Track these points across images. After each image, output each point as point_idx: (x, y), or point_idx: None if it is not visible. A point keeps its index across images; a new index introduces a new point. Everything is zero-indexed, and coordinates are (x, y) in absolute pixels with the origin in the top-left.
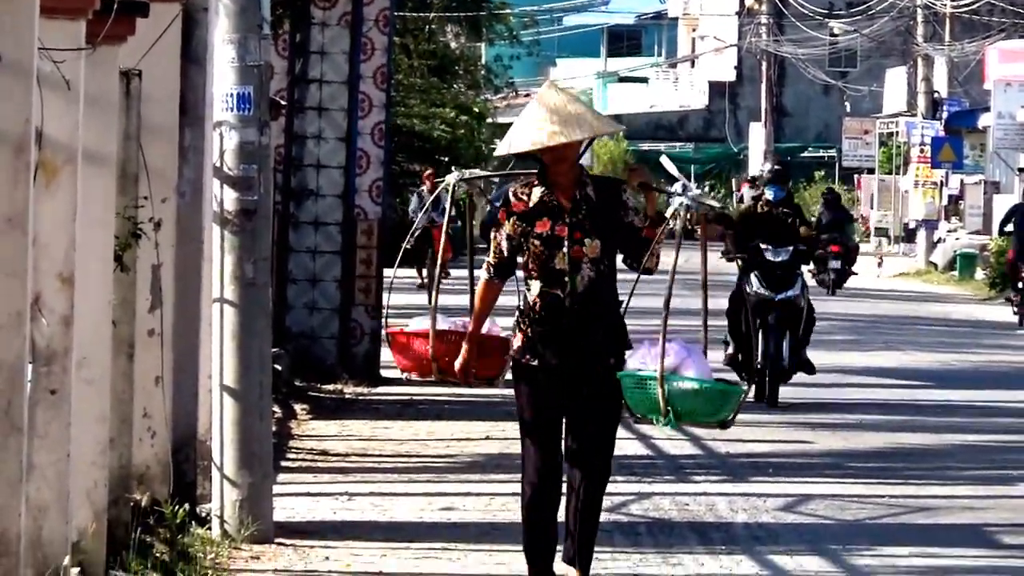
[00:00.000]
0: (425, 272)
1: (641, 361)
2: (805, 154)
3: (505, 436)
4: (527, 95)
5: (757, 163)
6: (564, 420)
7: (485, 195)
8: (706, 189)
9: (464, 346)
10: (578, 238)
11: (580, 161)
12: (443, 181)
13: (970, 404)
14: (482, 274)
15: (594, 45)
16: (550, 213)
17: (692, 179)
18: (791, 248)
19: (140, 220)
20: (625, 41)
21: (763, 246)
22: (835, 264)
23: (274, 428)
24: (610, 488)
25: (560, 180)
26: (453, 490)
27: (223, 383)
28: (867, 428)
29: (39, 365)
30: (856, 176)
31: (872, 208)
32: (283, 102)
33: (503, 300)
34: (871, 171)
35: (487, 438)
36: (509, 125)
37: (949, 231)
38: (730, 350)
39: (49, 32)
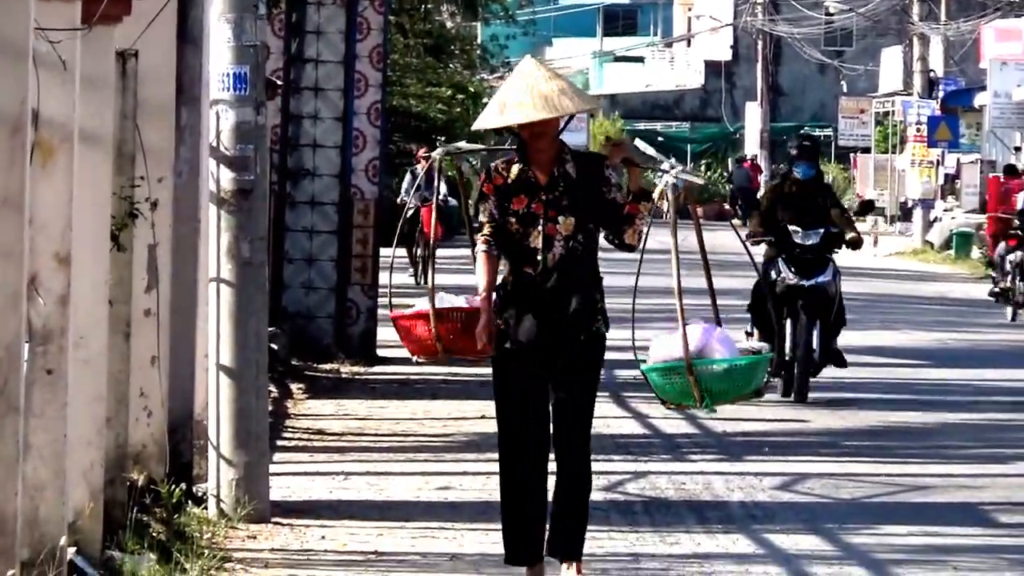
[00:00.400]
0: (418, 253)
1: (662, 351)
2: (801, 133)
3: None
4: None
5: (753, 143)
6: (547, 397)
7: (478, 173)
8: (702, 168)
9: (481, 307)
10: (552, 216)
11: (561, 137)
12: (431, 161)
13: (966, 383)
14: (479, 246)
15: (590, 24)
16: (527, 190)
17: (688, 159)
18: (821, 230)
19: (136, 200)
20: (621, 20)
21: (791, 228)
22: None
23: (270, 407)
24: (606, 467)
25: (539, 156)
26: (449, 469)
27: (219, 362)
28: (863, 407)
29: (35, 345)
30: (852, 155)
31: (868, 187)
32: (279, 82)
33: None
34: (867, 150)
35: (483, 417)
36: None
37: (945, 210)
38: (754, 342)
39: (45, 12)
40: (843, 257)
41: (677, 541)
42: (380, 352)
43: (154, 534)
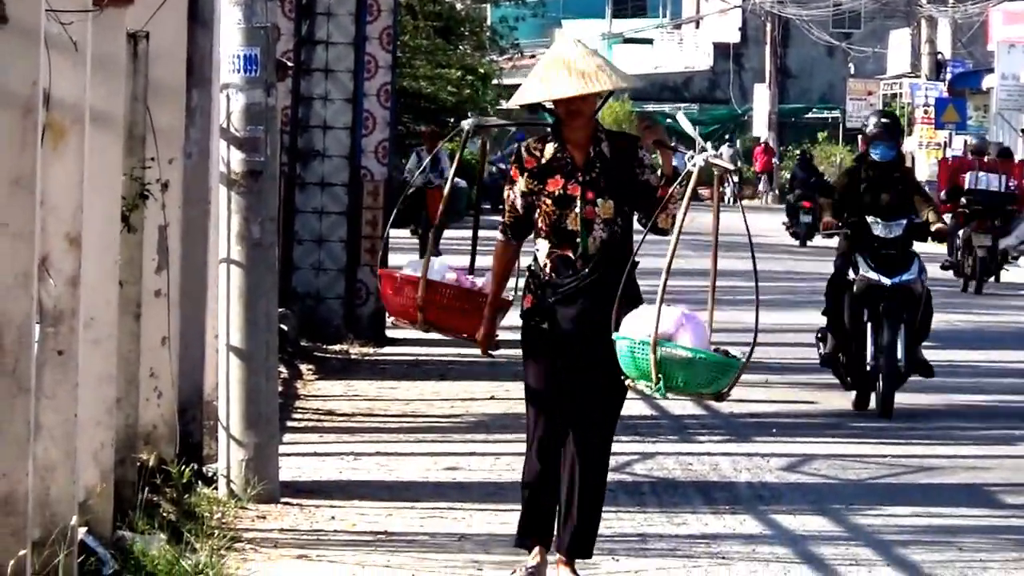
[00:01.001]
0: (417, 231)
1: (636, 326)
2: (809, 115)
3: (509, 396)
4: (532, 56)
5: (762, 124)
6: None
7: (487, 159)
8: (736, 149)
9: (485, 314)
10: (591, 198)
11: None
12: (459, 129)
13: (974, 364)
14: (498, 235)
15: (599, 6)
16: (563, 170)
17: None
18: (904, 221)
19: (147, 181)
20: (630, 2)
21: (870, 219)
22: (806, 219)
23: (280, 388)
24: (614, 448)
25: (574, 136)
26: (458, 450)
27: (229, 343)
28: None
29: (46, 325)
30: (860, 137)
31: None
32: (289, 63)
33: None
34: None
35: (492, 398)
36: (515, 86)
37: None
38: (827, 348)
39: None
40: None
41: (684, 522)
42: (389, 333)
43: (164, 514)
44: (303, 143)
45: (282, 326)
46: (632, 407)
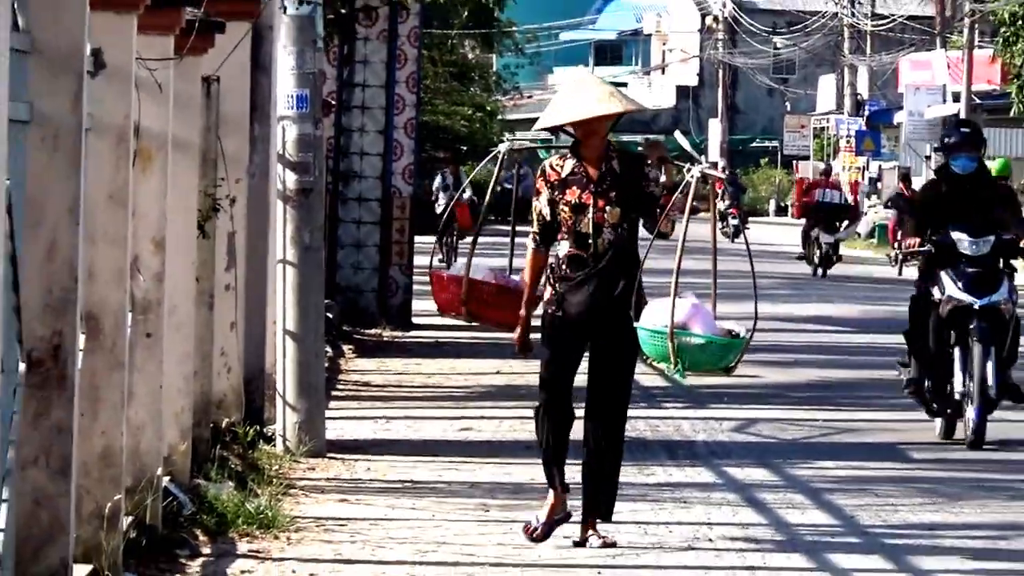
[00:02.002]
0: (447, 240)
1: (655, 316)
2: (753, 144)
3: (512, 371)
4: (530, 96)
5: (715, 151)
6: (577, 365)
7: (498, 177)
8: (721, 165)
9: (521, 314)
10: (601, 206)
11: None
12: (495, 151)
13: (887, 345)
14: (528, 243)
15: (584, 56)
16: (579, 183)
17: None
18: (992, 237)
19: (218, 197)
20: (609, 53)
21: (955, 235)
22: (734, 222)
23: (326, 364)
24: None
25: (590, 153)
26: (470, 414)
27: (285, 328)
28: (804, 364)
29: (137, 313)
30: (795, 162)
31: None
32: (333, 102)
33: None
34: (807, 158)
35: (498, 372)
36: (516, 120)
37: (870, 206)
38: (911, 373)
39: (145, 45)
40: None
41: (652, 473)
42: (415, 320)
43: (232, 466)
44: (344, 166)
45: (328, 314)
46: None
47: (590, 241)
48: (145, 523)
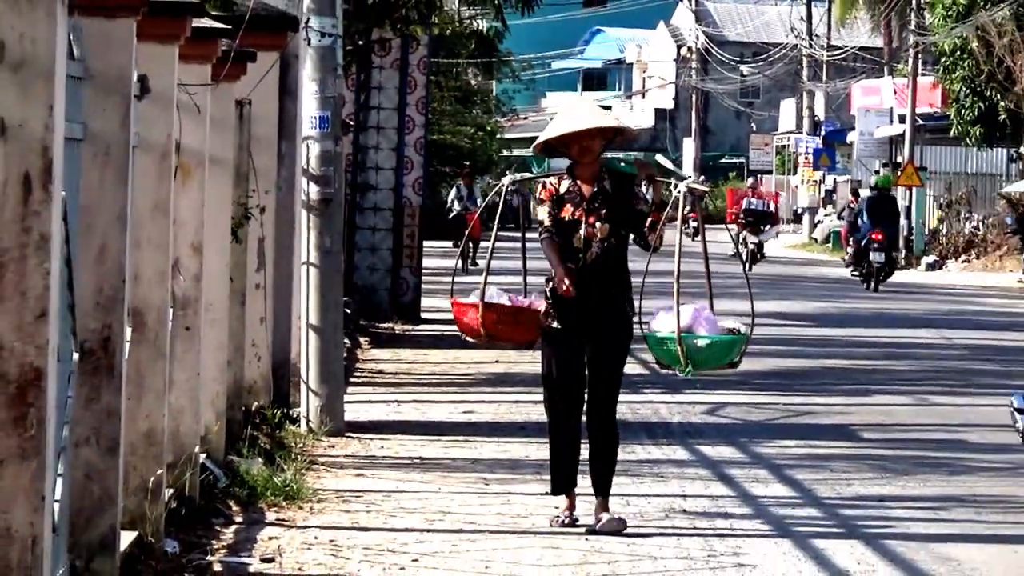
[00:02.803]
0: (459, 245)
1: (662, 324)
2: (723, 160)
3: (509, 360)
4: (525, 118)
5: (689, 167)
6: (583, 365)
7: (502, 211)
8: (701, 178)
9: (560, 272)
10: (592, 222)
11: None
12: (500, 186)
13: (840, 338)
14: (543, 237)
15: (573, 82)
16: (572, 201)
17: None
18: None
19: (250, 206)
20: (595, 79)
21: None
22: (694, 224)
23: (344, 354)
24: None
25: (584, 172)
26: (472, 399)
27: (309, 322)
28: (767, 355)
29: (177, 309)
30: (759, 176)
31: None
32: (351, 123)
33: (502, 263)
34: (770, 172)
35: (496, 362)
36: (513, 139)
37: (825, 215)
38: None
39: (185, 72)
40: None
41: (633, 451)
42: (423, 315)
43: (262, 444)
44: (361, 179)
45: (346, 310)
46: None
47: (580, 255)
48: (184, 495)
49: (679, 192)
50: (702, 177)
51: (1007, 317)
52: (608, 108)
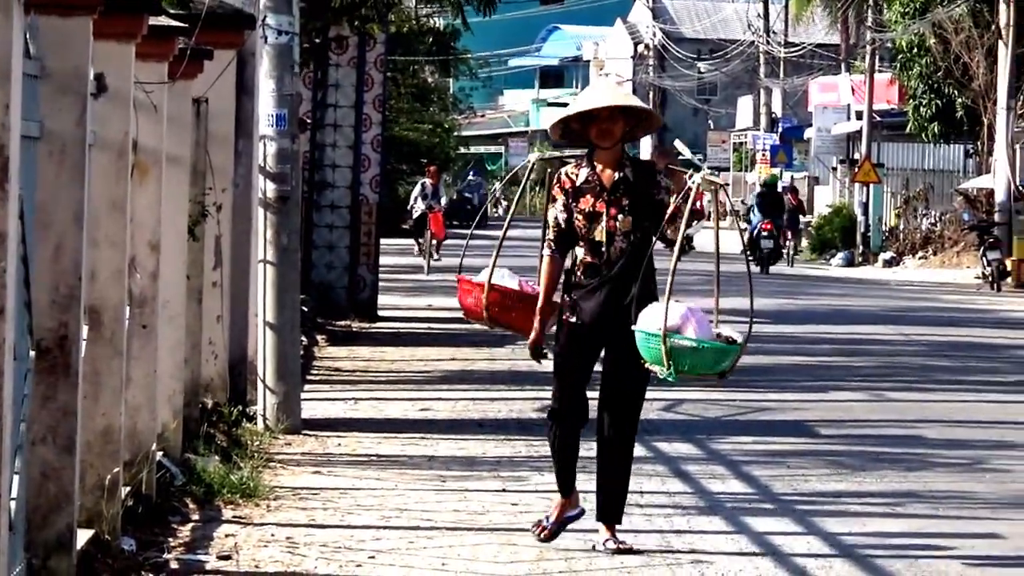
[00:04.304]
0: (422, 245)
1: (650, 320)
2: (680, 157)
3: (466, 358)
4: (482, 116)
5: None
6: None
7: (525, 186)
8: (764, 179)
9: (535, 322)
10: (614, 214)
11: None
12: (524, 165)
13: (797, 335)
14: (544, 251)
15: (530, 80)
16: (593, 191)
17: None
18: None
19: (207, 204)
20: (552, 77)
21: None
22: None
23: (301, 352)
24: (539, 394)
25: (604, 159)
26: (429, 396)
27: (266, 320)
28: None
29: (134, 307)
30: (717, 173)
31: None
32: (309, 120)
33: (506, 260)
34: (727, 169)
35: (453, 359)
36: (471, 136)
37: (805, 213)
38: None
39: (142, 70)
40: (702, 238)
41: (589, 448)
42: (380, 312)
43: (218, 442)
44: (318, 177)
45: (303, 308)
46: (535, 365)
47: (603, 249)
48: (141, 493)
49: (692, 183)
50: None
51: (964, 313)
52: (565, 106)
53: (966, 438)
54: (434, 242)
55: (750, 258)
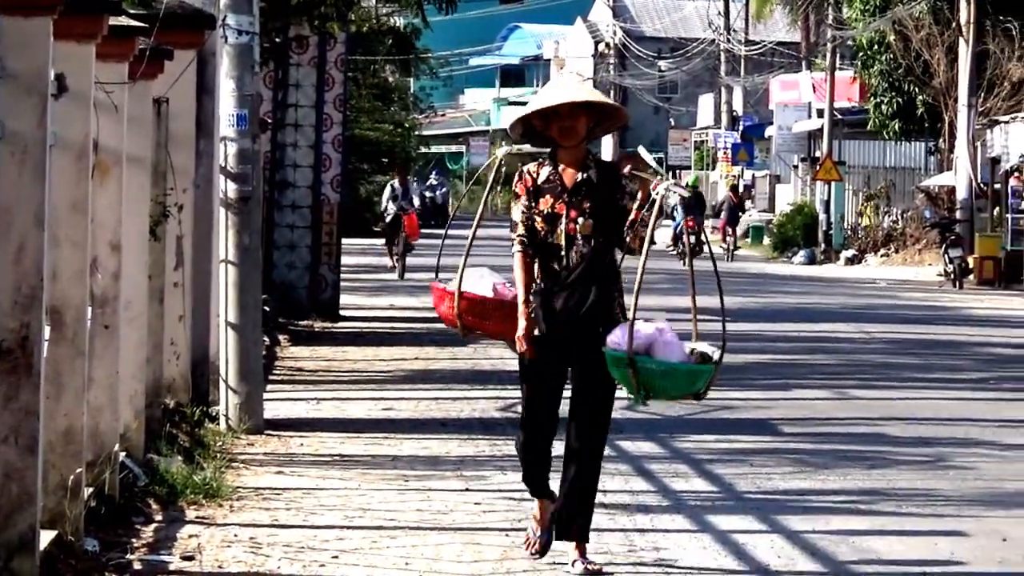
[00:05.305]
0: (396, 251)
1: (615, 342)
2: (649, 169)
3: (428, 357)
4: (443, 115)
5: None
6: (562, 382)
7: (494, 182)
8: (687, 182)
9: (520, 321)
10: (574, 216)
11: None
12: (492, 161)
13: (760, 333)
14: (515, 248)
15: (491, 79)
16: (552, 191)
17: None
18: None
19: (168, 204)
20: (513, 76)
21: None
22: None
23: (263, 352)
24: (504, 393)
25: (567, 158)
26: (392, 396)
27: (227, 320)
28: None
29: (96, 307)
30: (678, 171)
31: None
32: (269, 120)
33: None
34: (689, 168)
35: (416, 359)
36: (431, 136)
37: (745, 210)
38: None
39: (102, 71)
40: (662, 234)
41: (553, 447)
42: (342, 312)
43: (181, 442)
44: (279, 177)
45: (265, 307)
46: (511, 364)
47: (562, 253)
48: (104, 493)
49: (657, 194)
50: (685, 181)
51: (926, 311)
52: (524, 104)
53: (929, 435)
54: (405, 243)
55: (674, 252)
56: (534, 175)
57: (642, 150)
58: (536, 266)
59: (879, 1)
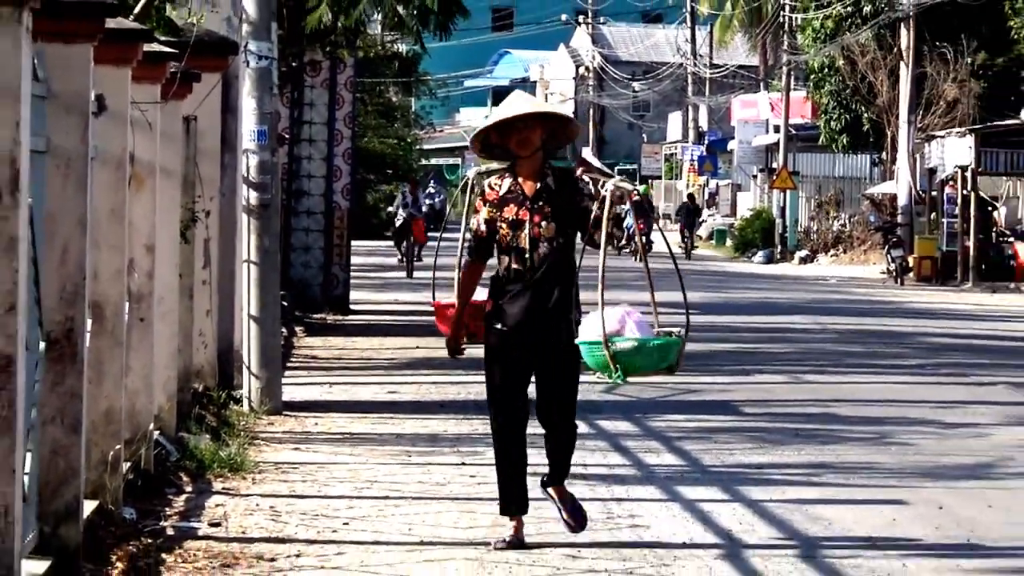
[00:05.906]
0: (404, 251)
1: (590, 329)
2: (618, 167)
3: (429, 346)
4: (441, 131)
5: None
6: (528, 375)
7: (469, 203)
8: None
9: (452, 323)
10: (537, 221)
11: (544, 156)
12: (466, 179)
13: (725, 324)
14: (464, 259)
15: (484, 99)
16: (516, 200)
17: None
18: None
19: (196, 211)
20: (504, 96)
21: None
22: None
23: (282, 342)
24: (480, 377)
25: (526, 169)
26: (396, 381)
27: (250, 313)
28: None
29: (133, 303)
30: (650, 180)
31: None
32: (287, 136)
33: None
34: (659, 177)
35: (417, 347)
36: (431, 150)
37: (709, 215)
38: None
39: (137, 92)
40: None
41: (537, 426)
42: (352, 307)
43: (209, 422)
44: (295, 186)
45: (283, 303)
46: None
47: (527, 255)
48: (140, 468)
49: (606, 191)
50: (631, 188)
51: (871, 304)
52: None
53: (874, 415)
54: (416, 247)
55: (626, 250)
56: (497, 188)
57: (587, 153)
58: (501, 267)
59: (829, 29)
